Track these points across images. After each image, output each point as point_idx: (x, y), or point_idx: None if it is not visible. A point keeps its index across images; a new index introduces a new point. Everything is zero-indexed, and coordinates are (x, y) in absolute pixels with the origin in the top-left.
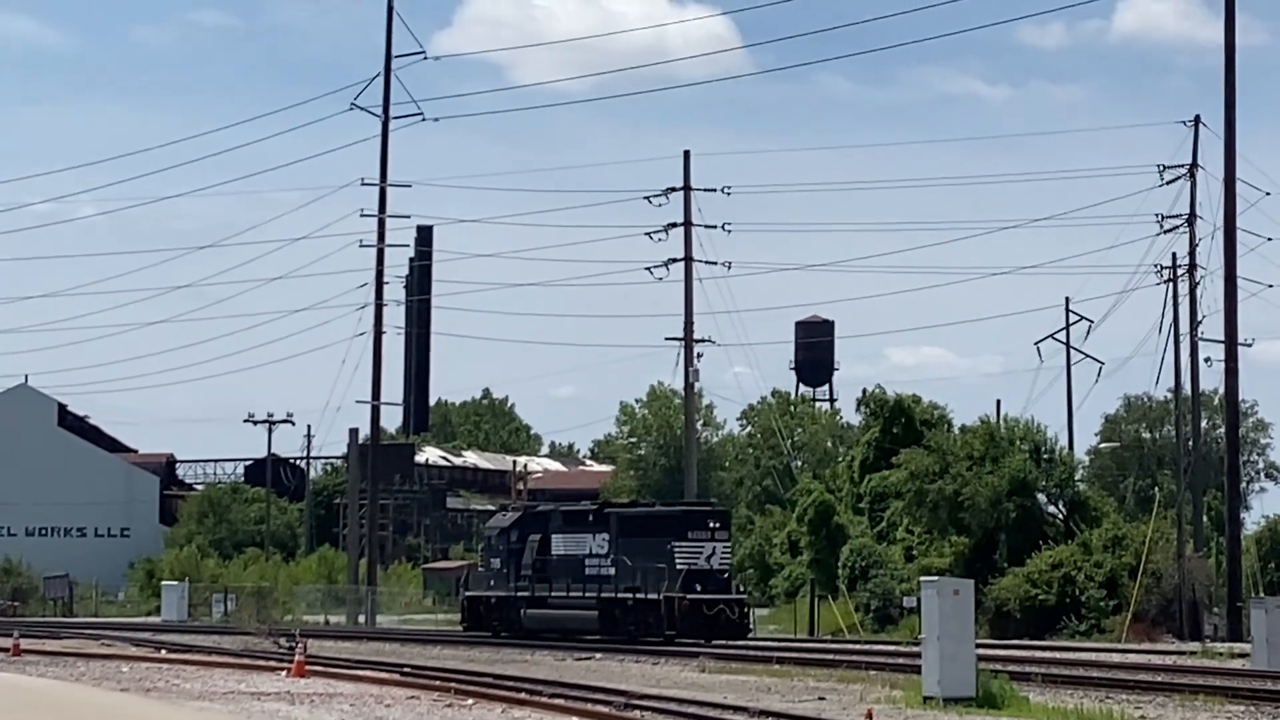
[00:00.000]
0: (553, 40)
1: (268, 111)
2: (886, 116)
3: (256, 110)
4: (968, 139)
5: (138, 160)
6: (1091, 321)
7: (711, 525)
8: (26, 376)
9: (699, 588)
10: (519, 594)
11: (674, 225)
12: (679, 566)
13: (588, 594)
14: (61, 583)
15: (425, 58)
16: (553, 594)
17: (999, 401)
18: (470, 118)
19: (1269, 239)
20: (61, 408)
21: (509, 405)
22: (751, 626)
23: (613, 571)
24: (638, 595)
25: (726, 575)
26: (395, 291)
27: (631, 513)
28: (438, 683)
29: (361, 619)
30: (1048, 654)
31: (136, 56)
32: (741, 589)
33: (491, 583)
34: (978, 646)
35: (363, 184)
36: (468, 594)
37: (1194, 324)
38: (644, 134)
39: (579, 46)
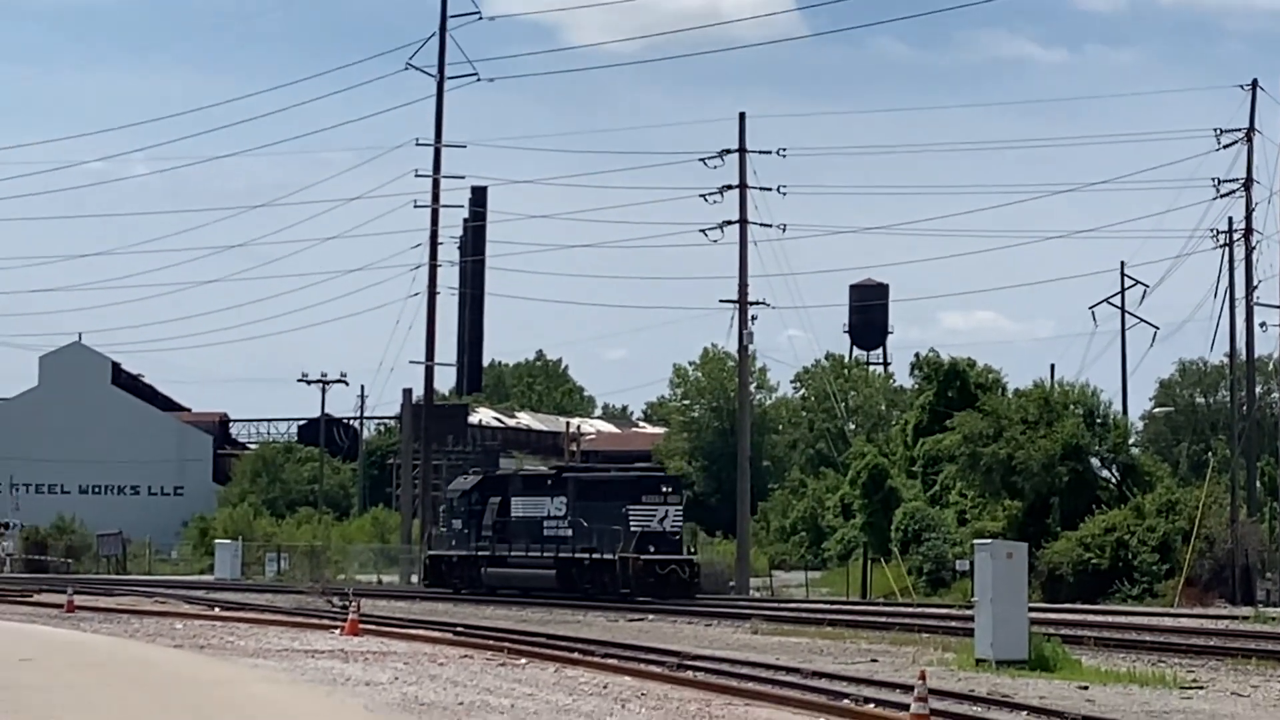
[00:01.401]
0: (605, 2)
1: (322, 71)
2: (941, 80)
3: (310, 70)
4: (1022, 102)
5: (191, 119)
6: (1147, 286)
7: (664, 490)
8: (80, 335)
9: (652, 549)
10: (479, 553)
11: (729, 187)
12: (633, 529)
13: (545, 554)
14: (115, 540)
15: (480, 18)
16: (512, 553)
17: (1053, 366)
18: (524, 79)
19: None
20: (115, 366)
21: (562, 367)
22: (700, 585)
23: (570, 533)
24: (594, 555)
25: (678, 537)
26: (449, 252)
27: (588, 477)
28: (490, 642)
29: (414, 579)
30: (1100, 618)
31: (190, 16)
32: (692, 550)
33: (453, 543)
34: (1030, 610)
35: (417, 144)
36: (430, 553)
37: (1249, 288)
38: (697, 96)
39: (631, 8)
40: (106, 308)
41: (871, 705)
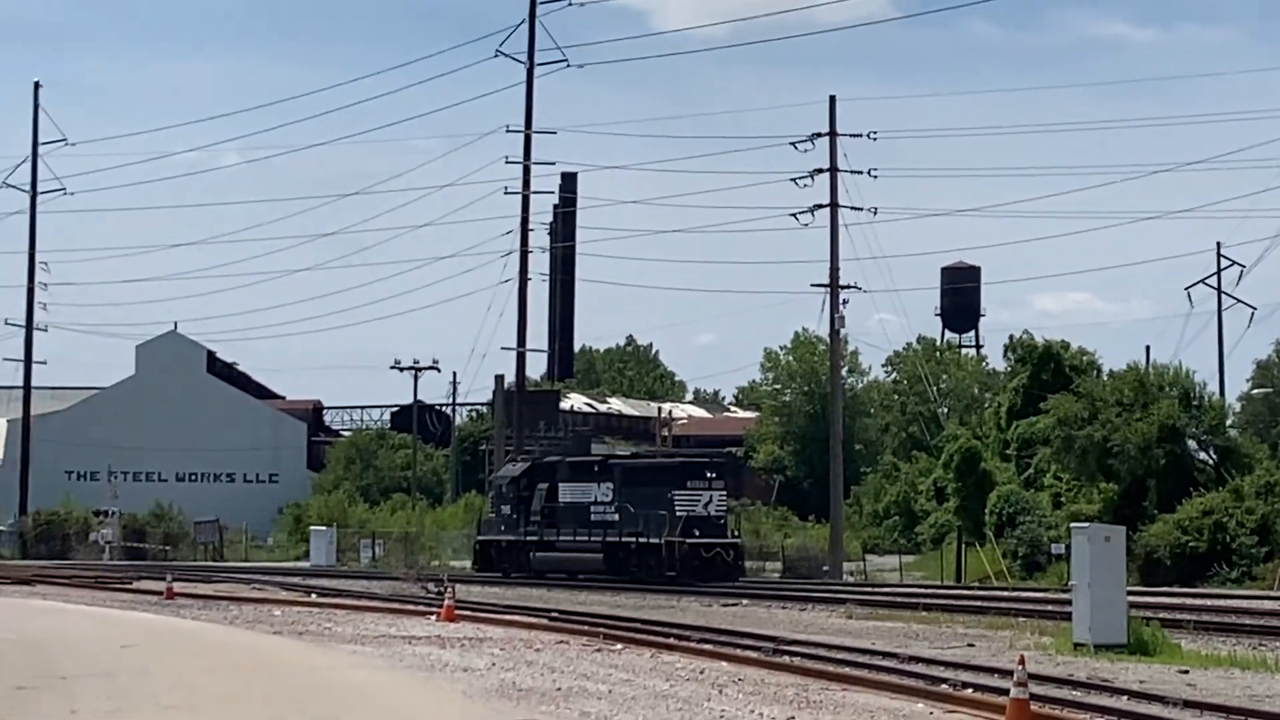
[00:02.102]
0: None
1: (412, 59)
2: (1033, 61)
3: (401, 58)
4: (1115, 82)
5: (282, 109)
6: (1244, 266)
7: (709, 475)
8: (176, 324)
9: (697, 533)
10: (528, 538)
11: (819, 171)
12: (678, 513)
13: (593, 538)
14: (211, 527)
15: (569, 4)
16: (560, 538)
17: (1148, 347)
18: (612, 64)
19: None
20: (210, 355)
21: (653, 352)
22: (744, 568)
23: (616, 518)
24: (640, 539)
25: (722, 521)
26: (540, 238)
27: (634, 463)
28: (585, 628)
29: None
30: (1199, 601)
31: (281, 6)
32: (736, 534)
33: (502, 528)
34: (1128, 594)
35: (508, 131)
36: (480, 538)
37: None
38: (786, 80)
39: None
40: (201, 297)
41: (970, 690)
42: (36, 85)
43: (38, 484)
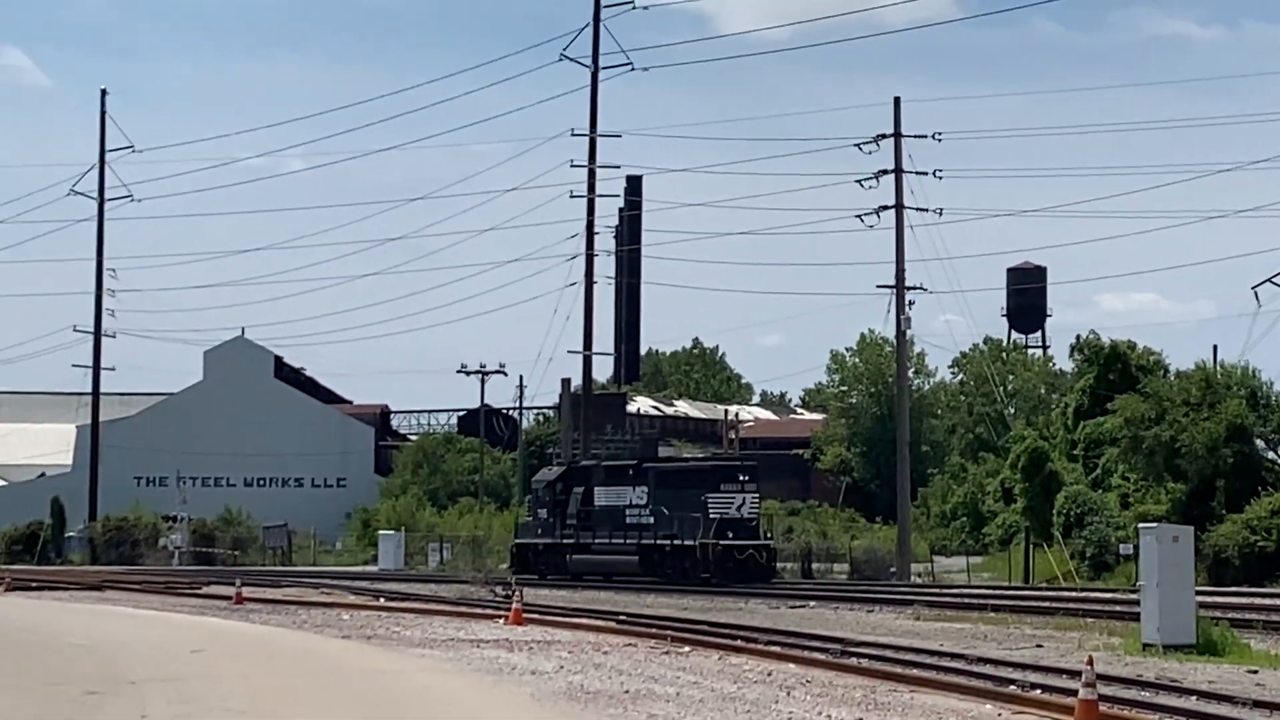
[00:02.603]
0: None
1: (476, 64)
2: (1097, 60)
3: (465, 63)
4: (1181, 81)
5: (346, 115)
6: None
7: (741, 478)
8: (244, 329)
9: (730, 534)
10: (564, 540)
11: (884, 172)
12: (712, 516)
13: (629, 540)
14: (280, 532)
15: (633, 7)
16: (596, 540)
17: (1215, 347)
18: (676, 68)
19: None
20: (278, 360)
21: (719, 354)
22: (777, 569)
23: (651, 520)
24: (675, 541)
25: (755, 523)
26: (605, 242)
27: (668, 467)
28: (653, 630)
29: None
30: (1268, 601)
31: (345, 12)
32: (768, 535)
33: (539, 531)
34: (1196, 594)
35: (572, 135)
36: (516, 541)
37: None
38: (850, 82)
39: None
40: (268, 303)
41: (1038, 691)
42: (103, 93)
43: (107, 490)
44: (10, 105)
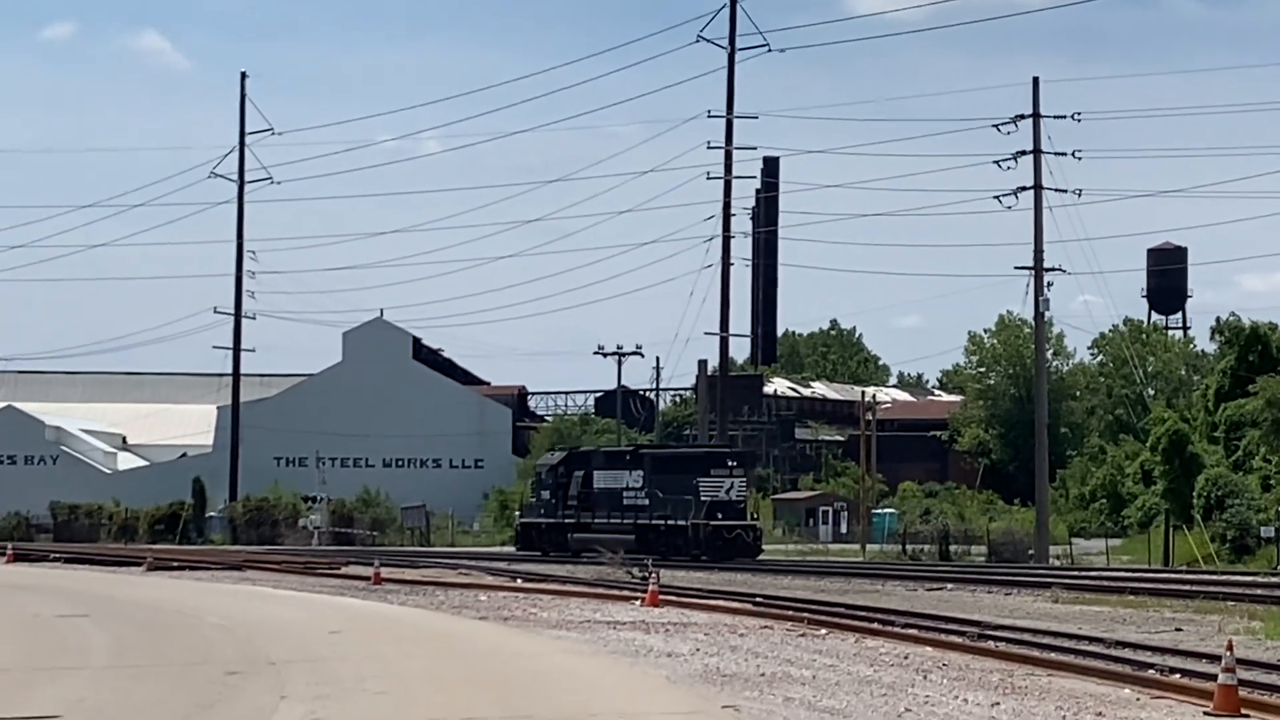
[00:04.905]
0: None
1: (612, 46)
2: (1238, 38)
3: (600, 45)
4: None
5: (482, 97)
6: None
7: (730, 464)
8: (382, 310)
9: (720, 516)
10: (566, 520)
11: (1023, 153)
12: (703, 498)
13: (625, 521)
14: (418, 513)
15: None
16: (595, 520)
17: None
18: (812, 49)
19: None
20: (416, 341)
21: (856, 336)
22: (763, 549)
23: (646, 502)
24: (668, 522)
25: (742, 505)
26: (742, 223)
27: (663, 453)
28: (790, 613)
29: None
30: None
31: None
32: (754, 516)
33: (542, 512)
34: None
35: (709, 116)
36: (521, 520)
37: None
38: (986, 62)
39: None
40: (407, 284)
41: (1177, 676)
42: (243, 76)
43: (247, 470)
44: (150, 89)
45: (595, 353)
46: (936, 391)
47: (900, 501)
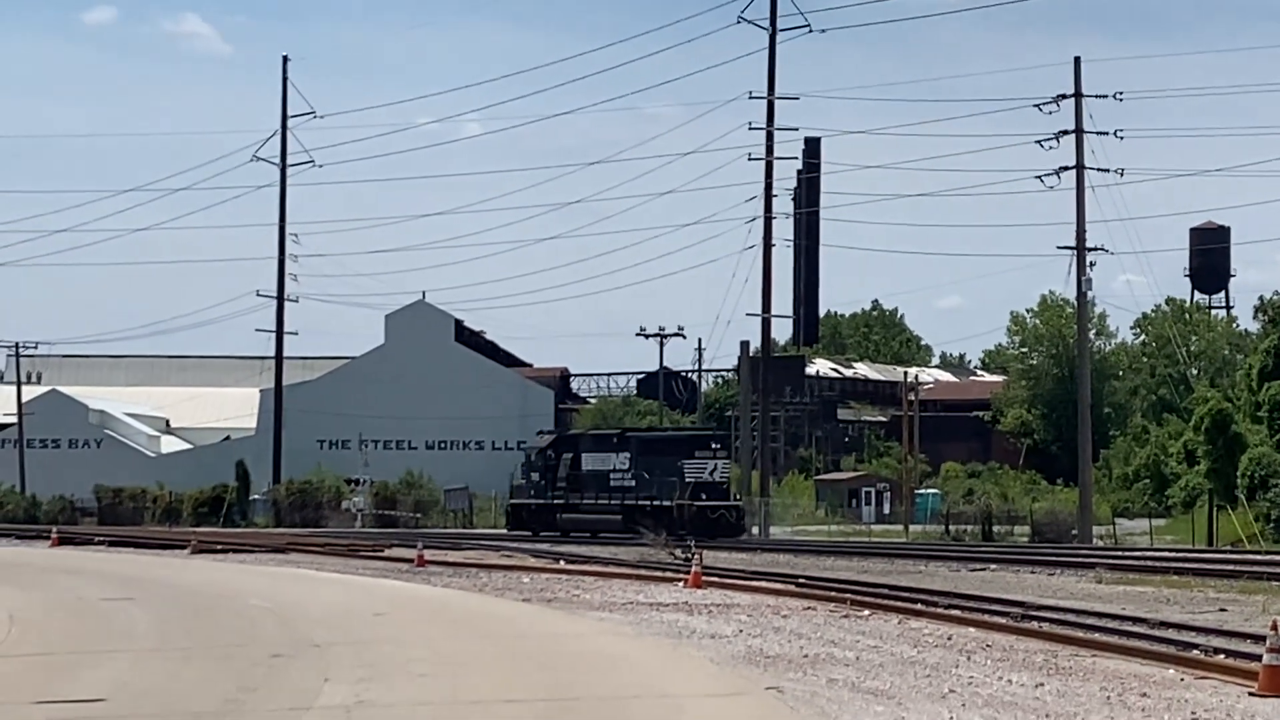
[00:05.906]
0: None
1: (653, 28)
2: (1278, 17)
3: (641, 27)
4: None
5: (523, 79)
6: None
7: (714, 446)
8: (424, 293)
9: (704, 496)
10: (554, 501)
11: (1065, 133)
12: (688, 480)
13: (613, 501)
14: (461, 495)
15: None
16: (583, 501)
17: None
18: (853, 29)
19: None
20: (458, 323)
21: (898, 316)
22: (746, 528)
23: (633, 483)
24: (654, 502)
25: (725, 486)
26: (784, 204)
27: (649, 436)
28: (833, 594)
29: (755, 530)
30: None
31: None
32: (737, 496)
33: (531, 493)
34: None
35: (750, 97)
36: (511, 502)
37: None
38: (1027, 42)
39: None
40: (449, 266)
41: (1221, 656)
42: (285, 59)
43: (290, 453)
44: (191, 73)
45: (637, 334)
46: (979, 372)
47: (943, 482)
